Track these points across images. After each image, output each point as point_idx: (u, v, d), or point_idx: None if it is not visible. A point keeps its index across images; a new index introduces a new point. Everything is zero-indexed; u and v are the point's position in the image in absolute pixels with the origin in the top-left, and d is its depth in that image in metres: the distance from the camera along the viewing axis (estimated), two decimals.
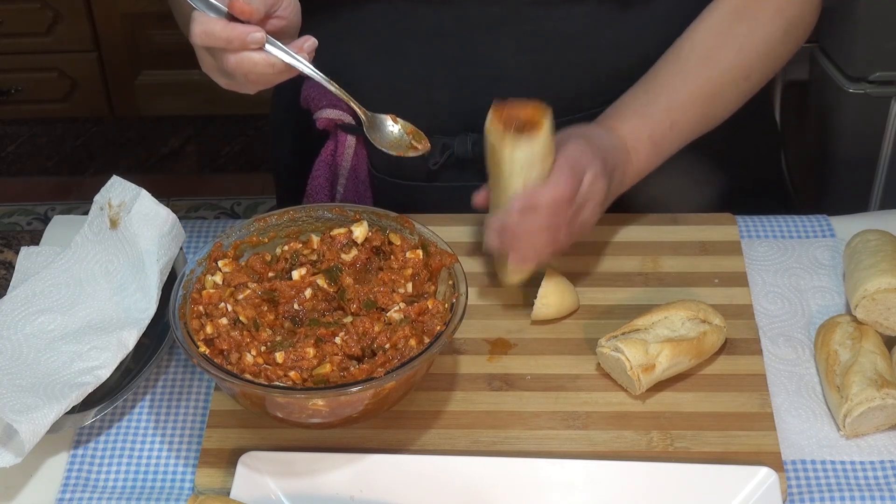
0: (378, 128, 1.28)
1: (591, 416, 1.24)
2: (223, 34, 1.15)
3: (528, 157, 1.23)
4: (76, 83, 3.09)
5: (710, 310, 1.28)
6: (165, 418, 1.26)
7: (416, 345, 1.16)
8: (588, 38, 1.42)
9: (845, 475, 1.19)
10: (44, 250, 1.41)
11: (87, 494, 1.19)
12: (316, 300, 1.22)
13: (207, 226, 1.48)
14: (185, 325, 1.18)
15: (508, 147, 1.23)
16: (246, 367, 1.15)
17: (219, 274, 1.23)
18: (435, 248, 1.24)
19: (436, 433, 1.22)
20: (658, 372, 1.24)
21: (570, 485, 1.16)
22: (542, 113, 1.24)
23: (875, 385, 1.20)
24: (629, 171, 1.36)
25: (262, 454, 1.18)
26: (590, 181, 1.27)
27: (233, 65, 1.17)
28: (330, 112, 1.52)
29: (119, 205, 1.34)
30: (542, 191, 1.23)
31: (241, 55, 1.17)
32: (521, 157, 1.23)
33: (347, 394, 1.12)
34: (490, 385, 1.27)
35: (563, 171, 1.24)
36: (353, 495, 1.17)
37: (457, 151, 1.47)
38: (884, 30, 1.96)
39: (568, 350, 1.30)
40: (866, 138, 2.07)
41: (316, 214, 1.30)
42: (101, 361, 1.26)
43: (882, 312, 1.27)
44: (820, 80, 2.09)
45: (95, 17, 2.99)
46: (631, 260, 1.40)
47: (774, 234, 1.45)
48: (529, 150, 1.23)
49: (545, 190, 1.23)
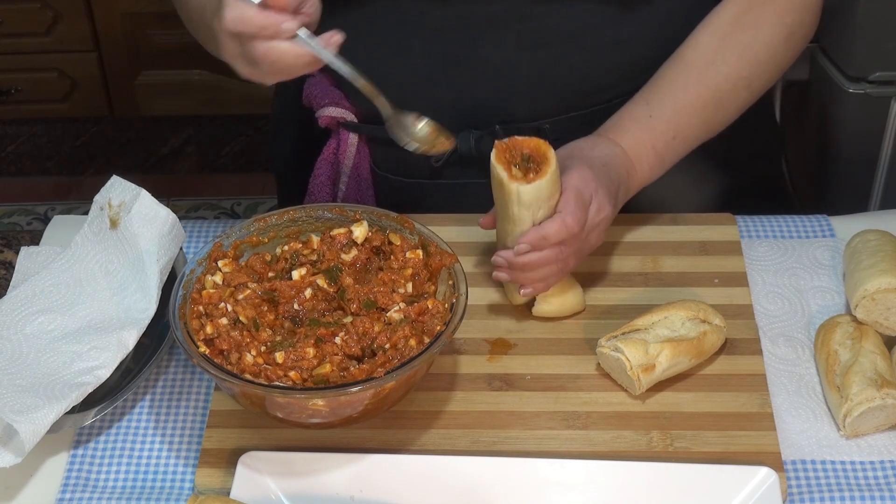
0: (403, 125, 1.28)
1: (591, 416, 1.24)
2: (257, 21, 1.16)
3: (536, 196, 1.23)
4: (76, 83, 3.09)
5: (710, 310, 1.28)
6: (165, 418, 1.26)
7: (416, 345, 1.16)
8: (589, 37, 1.42)
9: (845, 475, 1.19)
10: (44, 250, 1.41)
11: (87, 494, 1.19)
12: (316, 300, 1.22)
13: (207, 226, 1.48)
14: (185, 325, 1.18)
15: (515, 186, 1.23)
16: (246, 367, 1.15)
17: (219, 274, 1.23)
18: (435, 248, 1.24)
19: (436, 433, 1.22)
20: (658, 372, 1.24)
21: (570, 485, 1.16)
22: (546, 147, 1.24)
23: (875, 385, 1.20)
24: (633, 184, 1.37)
25: (262, 454, 1.18)
26: (596, 210, 1.28)
27: (261, 53, 1.18)
28: (332, 110, 1.52)
29: (119, 205, 1.34)
30: (550, 227, 1.24)
31: (271, 44, 1.17)
32: (529, 197, 1.23)
33: (347, 394, 1.12)
34: (490, 385, 1.27)
35: (569, 205, 1.25)
36: (353, 495, 1.17)
37: (460, 149, 1.47)
38: (884, 30, 1.95)
39: (568, 350, 1.30)
40: (866, 138, 2.07)
41: (316, 214, 1.30)
42: (101, 361, 1.26)
43: (882, 312, 1.27)
44: (820, 80, 2.09)
45: (95, 17, 2.98)
46: (631, 260, 1.40)
47: (774, 234, 1.45)
48: (537, 190, 1.23)
49: (553, 226, 1.24)
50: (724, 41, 1.39)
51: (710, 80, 1.38)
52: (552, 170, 1.23)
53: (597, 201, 1.28)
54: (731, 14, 1.40)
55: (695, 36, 1.41)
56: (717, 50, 1.38)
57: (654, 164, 1.37)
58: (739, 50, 1.38)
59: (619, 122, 1.37)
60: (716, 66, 1.38)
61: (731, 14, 1.40)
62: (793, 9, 1.41)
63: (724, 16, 1.40)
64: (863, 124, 2.06)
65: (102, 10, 2.98)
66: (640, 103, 1.38)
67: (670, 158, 1.39)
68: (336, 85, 1.54)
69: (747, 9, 1.39)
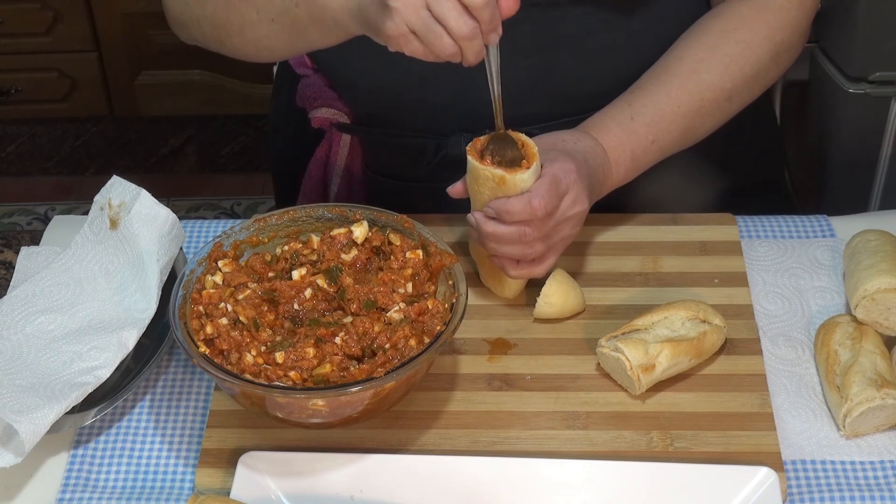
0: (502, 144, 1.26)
1: (591, 416, 1.24)
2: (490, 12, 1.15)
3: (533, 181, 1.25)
4: (76, 83, 3.09)
5: (710, 310, 1.28)
6: (165, 418, 1.26)
7: (416, 345, 1.16)
8: (584, 41, 1.42)
9: (845, 475, 1.19)
10: (44, 250, 1.41)
11: (87, 494, 1.19)
12: (316, 300, 1.22)
13: (207, 226, 1.48)
14: (185, 325, 1.18)
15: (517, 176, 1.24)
16: (246, 367, 1.15)
17: (219, 274, 1.23)
18: (435, 248, 1.24)
19: (436, 433, 1.22)
20: (658, 372, 1.24)
21: (570, 485, 1.16)
22: (524, 137, 1.25)
23: (875, 385, 1.20)
24: (607, 185, 1.37)
25: (262, 454, 1.18)
26: (570, 202, 1.28)
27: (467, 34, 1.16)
28: (325, 111, 1.52)
29: (119, 205, 1.34)
30: (515, 203, 1.24)
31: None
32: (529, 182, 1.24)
33: (347, 394, 1.12)
34: (490, 385, 1.27)
35: (541, 188, 1.25)
36: (353, 495, 1.17)
37: (451, 152, 1.47)
38: (884, 30, 1.95)
39: (568, 350, 1.30)
40: (866, 138, 2.07)
41: (316, 214, 1.30)
42: (101, 361, 1.26)
43: (882, 312, 1.27)
44: (820, 80, 2.09)
45: (95, 17, 2.99)
46: (631, 260, 1.40)
47: (774, 234, 1.45)
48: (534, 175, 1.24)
49: (518, 203, 1.24)
50: (711, 52, 1.39)
51: (693, 87, 1.38)
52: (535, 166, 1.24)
53: (573, 193, 1.27)
54: (719, 26, 1.40)
55: (682, 44, 1.41)
56: (703, 59, 1.38)
57: (630, 169, 1.38)
58: (725, 62, 1.38)
59: (602, 122, 1.37)
60: (699, 74, 1.38)
61: (720, 26, 1.40)
62: (783, 28, 1.40)
63: (713, 27, 1.40)
64: (863, 124, 2.06)
65: (102, 10, 2.98)
66: (623, 105, 1.38)
67: (646, 163, 1.39)
68: (329, 86, 1.54)
69: (738, 25, 1.39)
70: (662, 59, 1.40)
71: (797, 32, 1.42)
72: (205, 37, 1.43)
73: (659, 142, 1.38)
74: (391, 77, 1.44)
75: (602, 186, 1.35)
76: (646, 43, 1.43)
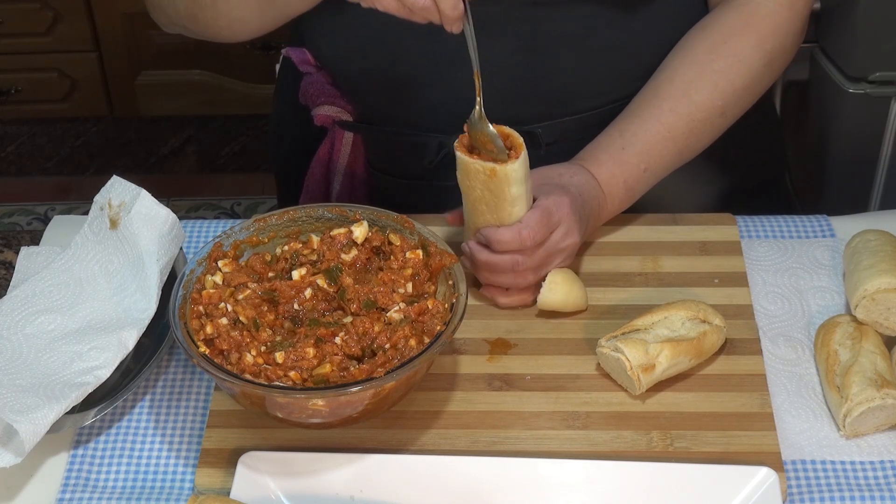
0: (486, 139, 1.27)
1: (590, 416, 1.24)
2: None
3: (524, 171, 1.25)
4: (76, 83, 3.09)
5: (710, 310, 1.28)
6: (165, 418, 1.26)
7: (416, 345, 1.16)
8: (585, 40, 1.42)
9: (845, 475, 1.19)
10: (44, 250, 1.41)
11: (87, 494, 1.19)
12: (316, 300, 1.22)
13: (207, 226, 1.48)
14: (185, 325, 1.18)
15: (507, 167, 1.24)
16: (246, 367, 1.15)
17: (219, 274, 1.23)
18: (435, 248, 1.24)
19: (436, 433, 1.22)
20: (658, 372, 1.24)
21: (570, 485, 1.16)
22: (516, 137, 1.25)
23: (875, 385, 1.20)
24: (602, 217, 1.39)
25: (262, 454, 1.18)
26: (562, 235, 1.30)
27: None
28: (328, 109, 1.52)
29: (119, 205, 1.34)
30: (505, 233, 1.27)
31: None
32: (520, 173, 1.24)
33: (347, 394, 1.12)
34: (490, 385, 1.27)
35: (531, 219, 1.27)
36: (353, 495, 1.17)
37: (453, 150, 1.47)
38: (884, 30, 1.95)
39: (568, 350, 1.30)
40: (866, 138, 2.07)
41: (316, 214, 1.30)
42: (101, 361, 1.26)
43: (882, 312, 1.27)
44: (820, 80, 2.09)
45: (95, 17, 2.99)
46: (631, 260, 1.40)
47: (774, 234, 1.45)
48: (524, 165, 1.24)
49: (508, 233, 1.27)
50: (701, 70, 1.38)
51: (683, 111, 1.38)
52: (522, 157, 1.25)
53: (565, 226, 1.30)
54: (708, 42, 1.39)
55: (670, 64, 1.41)
56: (692, 80, 1.38)
57: (625, 199, 1.39)
58: (714, 79, 1.38)
59: (594, 153, 1.38)
60: (689, 96, 1.38)
61: (709, 42, 1.39)
62: (774, 34, 1.40)
63: (700, 43, 1.40)
64: (863, 124, 2.06)
65: (102, 10, 2.98)
66: (614, 135, 1.39)
67: (640, 191, 1.40)
68: (332, 83, 1.54)
69: (727, 37, 1.39)
70: (653, 79, 1.41)
71: (790, 35, 1.42)
72: (179, 15, 1.43)
73: (651, 168, 1.39)
74: (394, 75, 1.44)
75: (597, 219, 1.37)
76: (647, 41, 1.43)
